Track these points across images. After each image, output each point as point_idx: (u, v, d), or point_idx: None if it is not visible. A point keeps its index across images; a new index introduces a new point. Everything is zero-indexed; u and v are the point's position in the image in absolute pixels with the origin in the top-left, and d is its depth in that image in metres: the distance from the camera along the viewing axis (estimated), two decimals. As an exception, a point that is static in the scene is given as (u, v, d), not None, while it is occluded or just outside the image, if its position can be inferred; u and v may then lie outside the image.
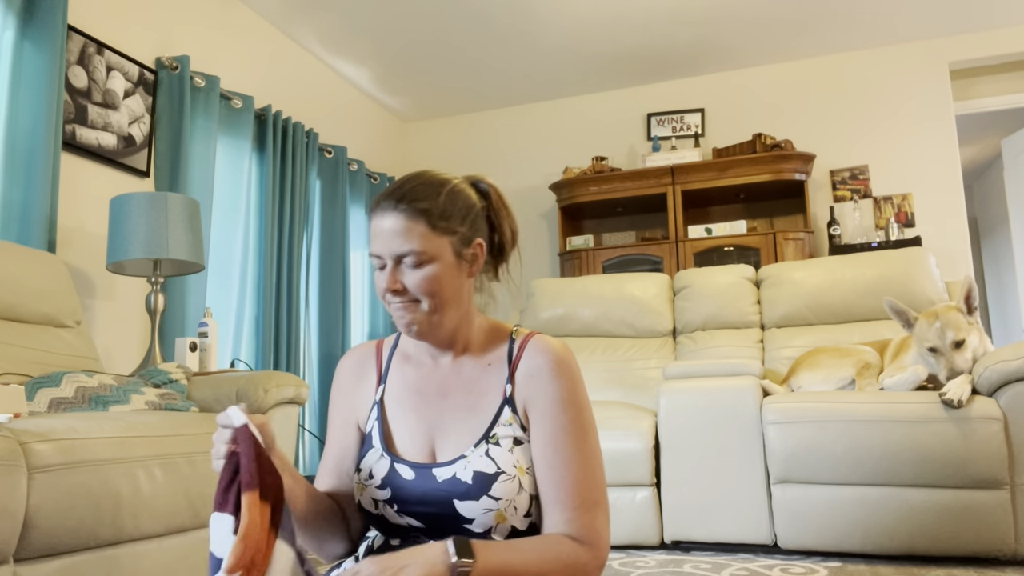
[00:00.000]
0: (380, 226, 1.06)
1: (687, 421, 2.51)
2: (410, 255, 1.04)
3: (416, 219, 1.04)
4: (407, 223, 1.04)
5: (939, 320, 2.37)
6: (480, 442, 1.06)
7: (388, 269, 1.06)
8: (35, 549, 1.40)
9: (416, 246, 1.04)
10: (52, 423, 1.52)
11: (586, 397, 1.11)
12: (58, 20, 2.68)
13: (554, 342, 1.13)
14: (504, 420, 1.08)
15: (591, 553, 1.03)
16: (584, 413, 1.09)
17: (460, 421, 1.10)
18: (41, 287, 2.28)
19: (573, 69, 4.84)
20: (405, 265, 1.05)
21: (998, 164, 5.97)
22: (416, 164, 5.58)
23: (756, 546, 2.44)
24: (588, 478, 1.06)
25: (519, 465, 1.05)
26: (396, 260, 1.05)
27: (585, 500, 1.05)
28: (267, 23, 4.14)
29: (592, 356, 3.38)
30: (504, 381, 1.10)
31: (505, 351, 1.13)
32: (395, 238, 1.04)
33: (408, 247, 1.04)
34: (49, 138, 2.61)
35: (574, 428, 1.07)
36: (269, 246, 3.77)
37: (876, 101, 4.63)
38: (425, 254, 1.04)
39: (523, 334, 1.15)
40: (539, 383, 1.08)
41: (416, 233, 1.04)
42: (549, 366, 1.09)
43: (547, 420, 1.06)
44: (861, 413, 2.31)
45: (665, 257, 4.52)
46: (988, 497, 2.18)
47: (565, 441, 1.06)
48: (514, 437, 1.07)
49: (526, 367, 1.10)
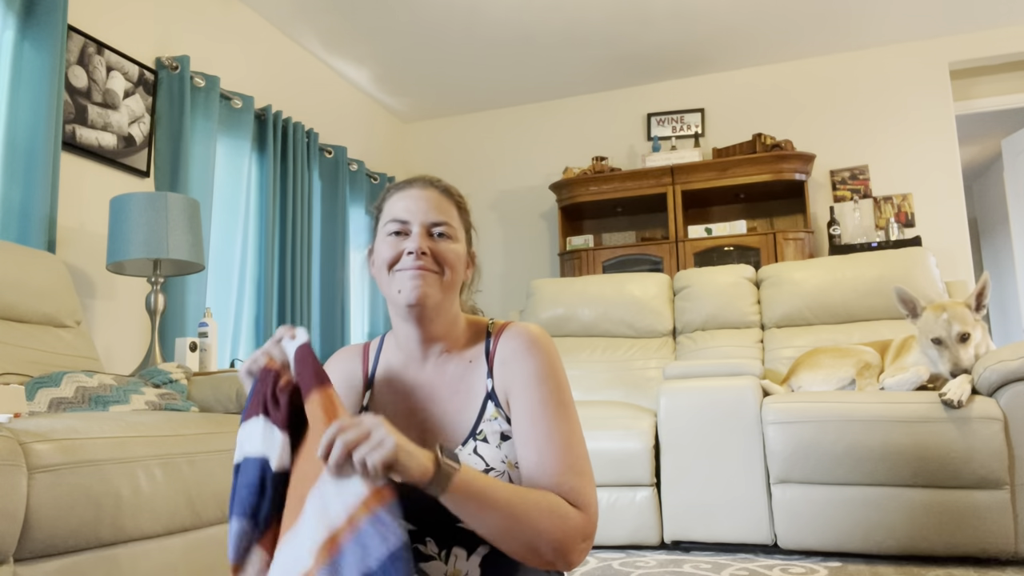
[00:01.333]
0: (413, 196, 1.11)
1: (687, 421, 2.51)
2: (443, 226, 1.10)
3: (449, 200, 1.13)
4: (442, 199, 1.12)
5: (947, 312, 2.38)
6: (468, 440, 1.06)
7: (416, 233, 1.08)
8: (35, 549, 1.40)
9: (451, 220, 1.11)
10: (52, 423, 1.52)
11: (563, 374, 1.10)
12: (58, 20, 2.68)
13: (528, 326, 1.13)
14: (488, 415, 1.07)
15: (582, 516, 0.99)
16: (563, 388, 1.08)
17: (447, 421, 1.10)
18: (41, 287, 2.28)
19: (573, 69, 4.84)
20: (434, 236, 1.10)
21: (998, 164, 5.97)
22: (416, 164, 5.59)
23: (756, 546, 2.44)
24: (571, 449, 1.04)
25: (508, 460, 1.05)
26: (427, 228, 1.09)
27: (571, 467, 1.02)
28: (267, 23, 4.14)
29: (592, 356, 3.38)
30: (485, 376, 1.10)
31: (483, 346, 1.13)
32: (431, 208, 1.10)
33: (443, 217, 1.10)
34: (49, 138, 2.61)
35: (552, 401, 1.05)
36: (269, 246, 3.77)
37: (876, 101, 4.63)
38: (455, 230, 1.11)
39: (498, 326, 1.15)
40: (514, 365, 1.08)
41: (450, 210, 1.12)
42: (523, 347, 1.09)
43: (525, 396, 1.06)
44: (861, 413, 2.31)
45: (665, 257, 4.52)
46: (988, 497, 2.18)
47: (544, 414, 1.04)
48: (500, 432, 1.07)
49: (501, 355, 1.10)
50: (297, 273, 3.97)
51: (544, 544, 0.95)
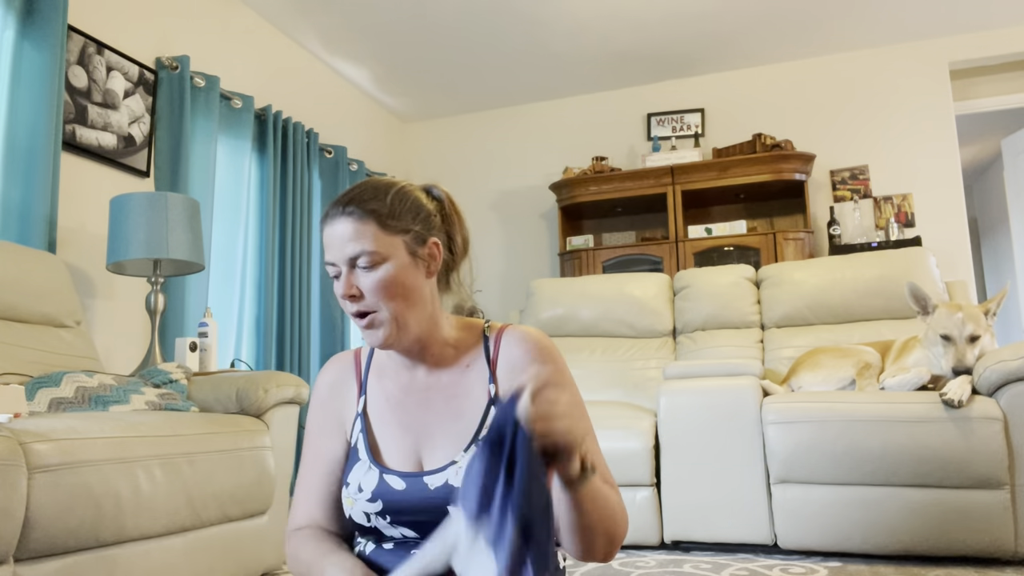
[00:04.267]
0: (331, 234, 1.04)
1: (687, 421, 2.51)
2: (363, 256, 1.02)
3: (366, 220, 1.03)
4: (357, 225, 1.02)
5: (962, 312, 2.39)
6: (470, 446, 1.04)
7: (343, 275, 1.03)
8: (35, 549, 1.40)
9: (368, 246, 1.02)
10: (52, 423, 1.52)
11: (571, 378, 1.10)
12: (58, 20, 2.68)
13: (529, 330, 1.11)
14: None
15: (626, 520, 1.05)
16: (577, 394, 1.08)
17: (446, 428, 1.07)
18: (41, 287, 2.28)
19: (573, 69, 4.84)
20: (359, 269, 1.03)
21: (998, 164, 5.96)
22: (416, 164, 5.59)
23: (756, 546, 2.44)
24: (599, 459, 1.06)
25: None
26: (350, 264, 1.03)
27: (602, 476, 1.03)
28: (267, 23, 4.14)
29: (592, 356, 3.38)
30: (487, 381, 1.08)
31: (481, 349, 1.11)
32: (347, 242, 1.02)
33: (360, 248, 1.02)
34: (49, 138, 2.61)
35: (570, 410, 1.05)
36: (269, 246, 3.77)
37: (876, 101, 4.63)
38: (378, 254, 1.02)
39: (496, 328, 1.12)
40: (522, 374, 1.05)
41: (367, 234, 1.02)
42: (530, 355, 1.07)
43: None
44: (861, 413, 2.31)
45: (665, 257, 4.52)
46: (988, 497, 2.18)
47: None
48: None
49: (506, 361, 1.08)
50: (297, 273, 3.97)
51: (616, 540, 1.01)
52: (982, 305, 2.44)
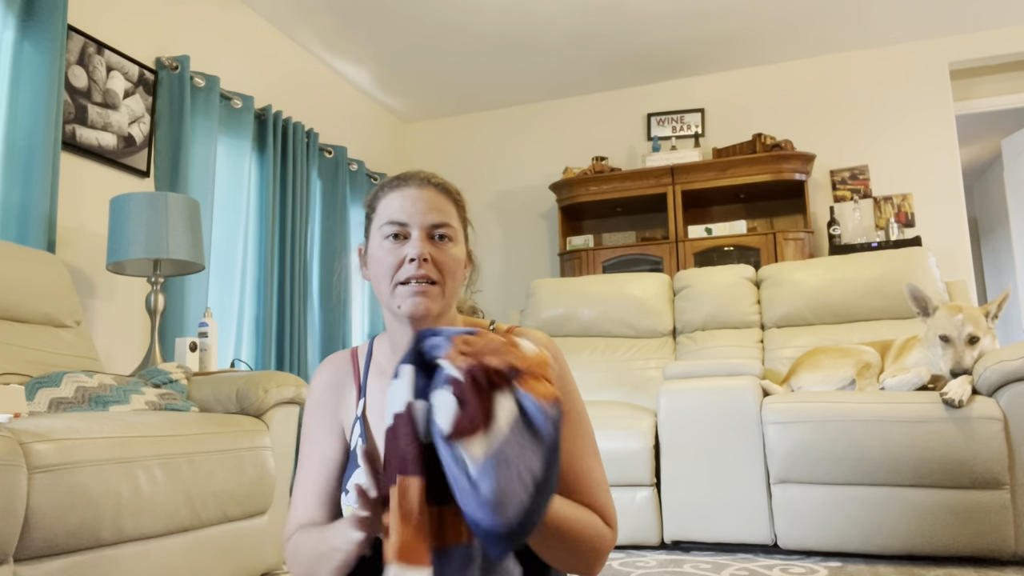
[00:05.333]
0: (407, 194, 1.05)
1: (687, 421, 2.51)
2: (445, 227, 1.04)
3: (448, 198, 1.07)
4: (441, 198, 1.05)
5: (962, 313, 2.39)
6: None
7: (415, 238, 1.03)
8: (35, 549, 1.40)
9: (452, 221, 1.05)
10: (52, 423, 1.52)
11: (575, 386, 1.09)
12: (58, 20, 2.68)
13: (536, 335, 1.09)
14: None
15: (612, 533, 1.04)
16: (577, 401, 1.07)
17: None
18: (41, 287, 2.28)
19: (573, 69, 4.84)
20: (434, 240, 1.04)
21: (998, 164, 5.96)
22: (416, 164, 5.58)
23: (756, 546, 2.44)
24: (592, 467, 1.05)
25: None
26: (427, 231, 1.04)
27: (597, 485, 1.04)
28: (267, 23, 4.14)
29: (592, 356, 3.38)
30: None
31: None
32: (430, 209, 1.04)
33: (444, 219, 1.04)
34: (49, 138, 2.61)
35: (571, 421, 1.05)
36: (269, 246, 3.77)
37: (876, 101, 4.63)
38: (455, 231, 1.06)
39: (502, 331, 1.11)
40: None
41: (450, 210, 1.06)
42: None
43: None
44: (861, 413, 2.31)
45: (665, 257, 4.52)
46: (988, 497, 2.18)
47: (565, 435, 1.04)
48: None
49: None
50: (297, 273, 3.97)
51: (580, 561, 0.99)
52: (983, 307, 2.44)
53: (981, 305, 2.52)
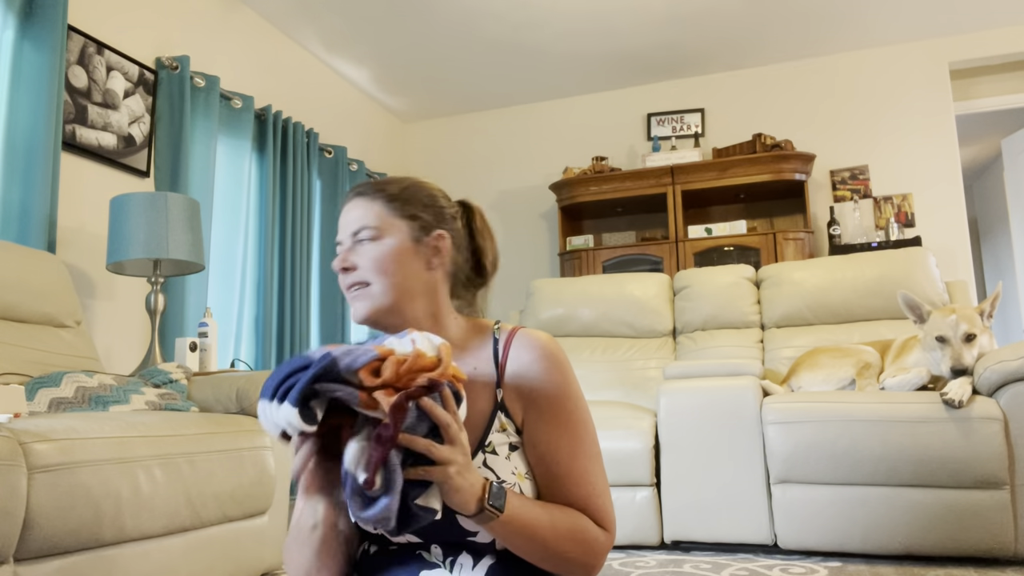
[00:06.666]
0: (342, 214, 1.10)
1: (687, 421, 2.51)
2: (364, 230, 1.06)
3: (374, 198, 1.08)
4: (364, 202, 1.08)
5: (955, 314, 2.39)
6: (476, 452, 1.02)
7: (343, 248, 1.08)
8: (35, 549, 1.40)
9: (370, 221, 1.06)
10: (52, 423, 1.52)
11: (578, 388, 1.08)
12: (58, 20, 2.68)
13: (540, 336, 1.08)
14: (497, 427, 1.03)
15: (607, 536, 1.04)
16: (580, 405, 1.06)
17: None
18: (41, 287, 2.28)
19: (573, 69, 4.84)
20: (359, 242, 1.06)
21: (998, 164, 5.96)
22: (416, 164, 5.58)
23: (756, 546, 2.44)
24: (591, 469, 1.04)
25: (518, 472, 1.02)
26: (352, 238, 1.07)
27: (592, 489, 1.04)
28: (267, 23, 4.14)
29: (592, 356, 3.38)
30: (494, 385, 1.05)
31: (490, 352, 1.08)
32: (351, 220, 1.07)
33: (362, 222, 1.06)
34: (49, 138, 2.61)
35: (572, 423, 1.04)
36: (269, 246, 3.77)
37: (876, 101, 4.63)
38: (378, 229, 1.06)
39: (506, 331, 1.09)
40: (531, 383, 1.04)
41: (372, 210, 1.07)
42: (539, 363, 1.05)
43: (545, 420, 1.03)
44: (861, 413, 2.31)
45: (665, 257, 4.52)
46: (988, 497, 2.18)
47: (563, 437, 1.03)
48: (509, 443, 1.04)
49: (515, 367, 1.05)
50: (297, 273, 3.97)
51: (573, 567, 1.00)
52: (977, 306, 2.44)
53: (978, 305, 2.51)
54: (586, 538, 1.01)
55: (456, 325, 1.12)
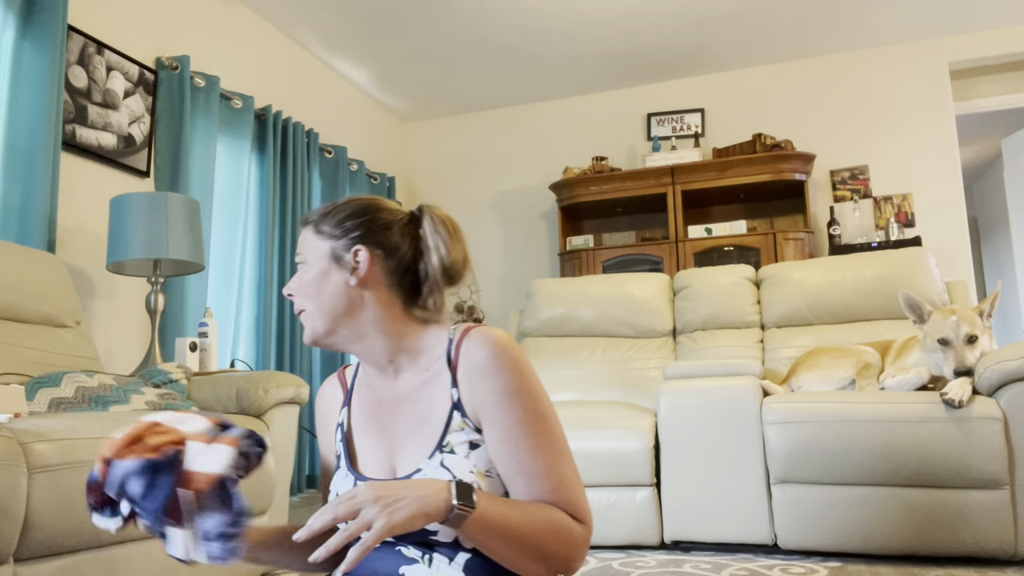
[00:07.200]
0: None
1: (687, 421, 2.51)
2: (298, 258, 1.13)
3: (305, 227, 1.14)
4: (302, 232, 1.14)
5: (956, 315, 2.39)
6: (434, 453, 1.03)
7: None
8: (35, 549, 1.40)
9: (301, 249, 1.13)
10: (52, 423, 1.52)
11: (536, 382, 1.05)
12: (58, 20, 2.68)
13: (491, 333, 1.06)
14: (455, 427, 1.04)
15: (583, 528, 1.02)
16: (537, 399, 1.04)
17: (413, 435, 1.07)
18: (41, 287, 2.28)
19: (573, 69, 4.84)
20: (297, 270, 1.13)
21: (998, 164, 5.96)
22: (416, 164, 5.59)
23: (756, 546, 2.44)
24: (560, 463, 1.02)
25: (477, 470, 1.01)
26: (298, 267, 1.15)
27: (562, 481, 1.02)
28: (267, 23, 4.14)
29: (592, 356, 3.38)
30: (449, 386, 1.06)
31: (443, 353, 1.08)
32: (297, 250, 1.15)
33: (299, 251, 1.13)
34: (49, 138, 2.61)
35: (528, 417, 1.02)
36: (269, 246, 3.77)
37: (876, 101, 4.63)
38: (302, 255, 1.12)
39: (460, 331, 1.09)
40: (482, 381, 1.03)
41: (303, 239, 1.13)
42: (488, 360, 1.03)
43: (500, 417, 1.02)
44: (861, 413, 2.31)
45: (665, 257, 4.52)
46: (988, 497, 2.18)
47: (522, 432, 1.01)
48: (469, 442, 1.03)
49: (466, 366, 1.05)
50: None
51: (552, 562, 0.99)
52: (976, 307, 2.43)
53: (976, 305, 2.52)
54: (562, 530, 0.99)
55: (414, 332, 1.12)
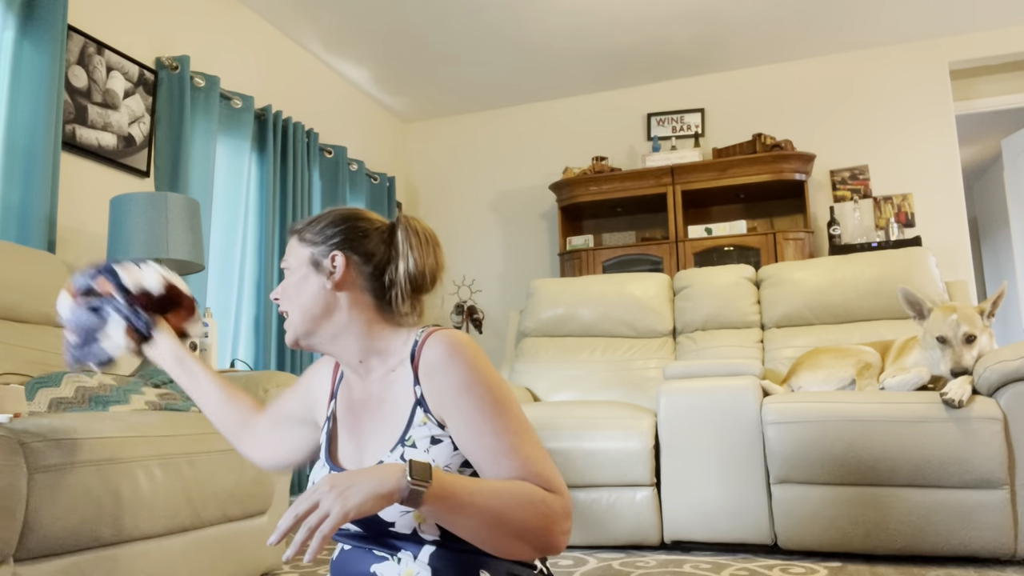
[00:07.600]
0: None
1: (687, 421, 2.51)
2: (284, 265, 1.19)
3: (291, 236, 1.21)
4: (290, 242, 1.21)
5: (956, 313, 2.38)
6: (396, 446, 1.07)
7: None
8: (35, 549, 1.40)
9: (287, 257, 1.20)
10: (52, 423, 1.52)
11: (491, 374, 1.07)
12: (58, 20, 2.68)
13: (448, 333, 1.10)
14: (418, 422, 1.07)
15: (558, 498, 1.01)
16: (493, 389, 1.06)
17: (379, 430, 1.12)
18: (41, 287, 2.28)
19: (573, 69, 4.84)
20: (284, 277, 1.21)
21: (998, 164, 5.96)
22: (416, 164, 5.59)
23: (756, 546, 2.44)
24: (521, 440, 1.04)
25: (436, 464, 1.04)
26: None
27: (527, 457, 1.03)
28: (267, 23, 4.14)
29: (592, 356, 3.38)
30: (411, 383, 1.10)
31: (408, 352, 1.12)
32: None
33: (285, 259, 1.20)
34: (49, 138, 2.61)
35: (486, 405, 1.04)
36: (269, 246, 3.77)
37: (876, 101, 4.63)
38: (286, 262, 1.19)
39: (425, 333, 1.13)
40: (438, 378, 1.07)
41: (289, 248, 1.20)
42: (442, 358, 1.07)
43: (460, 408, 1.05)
44: (861, 413, 2.31)
45: (665, 257, 4.52)
46: (988, 497, 2.18)
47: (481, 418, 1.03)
48: (431, 436, 1.06)
49: (424, 364, 1.09)
50: (297, 273, 3.96)
51: (531, 536, 0.98)
52: (978, 306, 2.43)
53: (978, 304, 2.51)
54: (533, 499, 0.98)
55: (385, 335, 1.16)
